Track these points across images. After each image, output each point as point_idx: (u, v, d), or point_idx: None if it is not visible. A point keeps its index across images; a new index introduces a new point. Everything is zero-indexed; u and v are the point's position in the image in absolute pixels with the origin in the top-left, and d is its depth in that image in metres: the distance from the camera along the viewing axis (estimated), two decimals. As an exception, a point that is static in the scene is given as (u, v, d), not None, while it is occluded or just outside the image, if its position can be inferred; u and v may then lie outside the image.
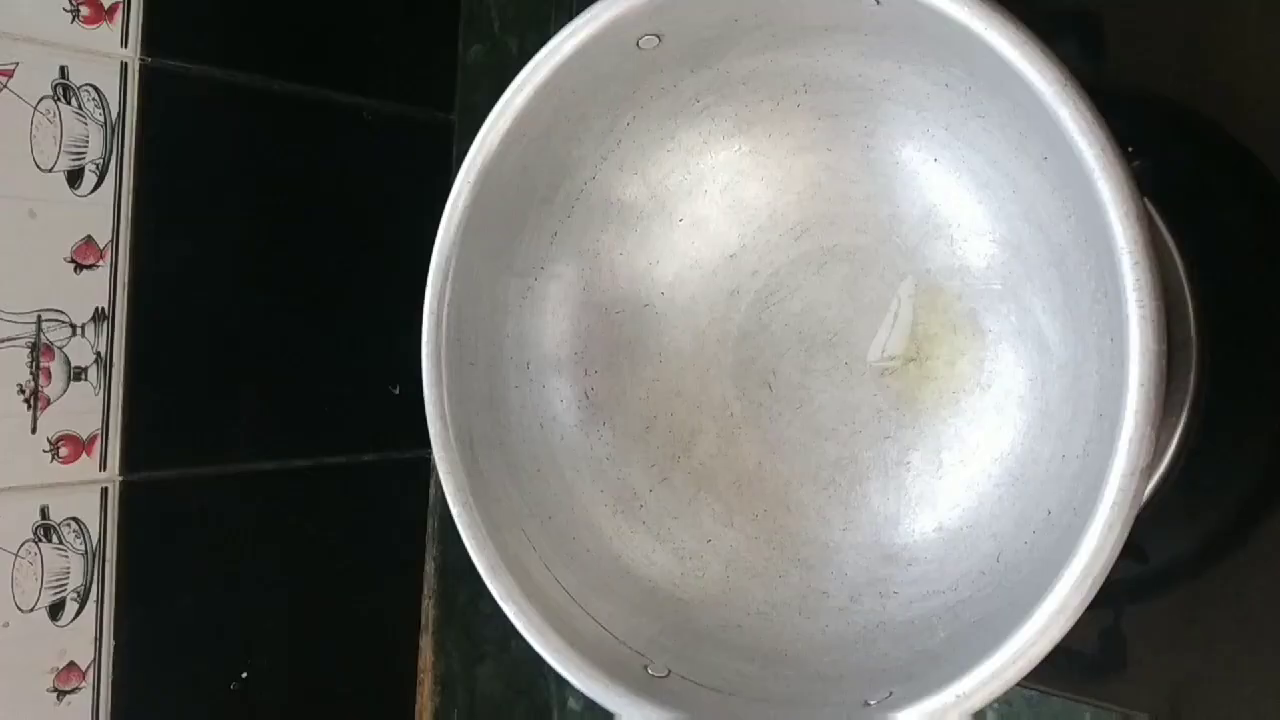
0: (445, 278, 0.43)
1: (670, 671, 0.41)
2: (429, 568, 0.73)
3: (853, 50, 0.41)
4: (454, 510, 0.42)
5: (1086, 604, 0.33)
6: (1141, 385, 0.32)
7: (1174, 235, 0.45)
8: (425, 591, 0.73)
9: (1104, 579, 0.33)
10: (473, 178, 0.42)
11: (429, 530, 0.73)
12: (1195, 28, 0.49)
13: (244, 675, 0.63)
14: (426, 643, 0.73)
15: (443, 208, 0.69)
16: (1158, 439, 0.33)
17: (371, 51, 0.67)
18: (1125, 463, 0.32)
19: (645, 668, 0.41)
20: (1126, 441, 0.32)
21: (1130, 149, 0.36)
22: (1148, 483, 0.33)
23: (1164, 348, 0.32)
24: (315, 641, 0.67)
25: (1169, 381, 0.33)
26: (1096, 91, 0.35)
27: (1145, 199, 0.34)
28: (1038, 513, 0.40)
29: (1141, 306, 0.32)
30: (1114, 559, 0.33)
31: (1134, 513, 0.33)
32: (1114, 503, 0.32)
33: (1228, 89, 0.48)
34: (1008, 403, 0.43)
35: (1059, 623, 0.33)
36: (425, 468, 0.72)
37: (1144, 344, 0.32)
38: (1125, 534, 0.33)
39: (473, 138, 0.69)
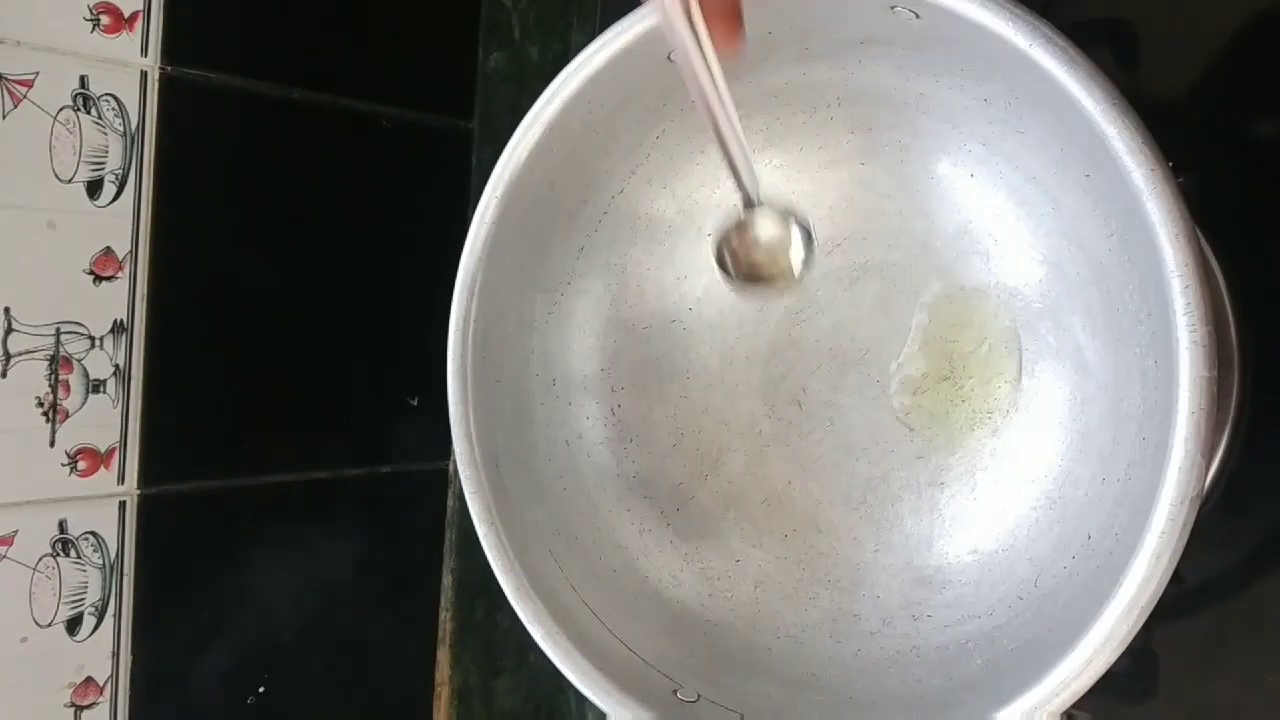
0: (471, 294, 0.42)
1: (700, 696, 0.40)
2: (446, 580, 0.72)
3: (889, 64, 0.41)
4: (480, 531, 0.41)
5: (1134, 634, 0.33)
6: (1192, 413, 0.31)
7: (1213, 249, 0.44)
8: (442, 604, 0.72)
9: (1151, 609, 0.33)
10: (500, 192, 0.42)
11: (446, 542, 0.72)
12: (1230, 37, 0.48)
13: (261, 689, 0.62)
14: (443, 655, 0.72)
15: (462, 215, 0.69)
16: (1207, 466, 0.32)
17: (391, 59, 0.67)
18: (1174, 491, 0.31)
19: (675, 692, 0.40)
20: (1176, 470, 0.31)
21: (1171, 164, 0.35)
22: (1196, 511, 0.32)
23: (1214, 374, 0.31)
24: (332, 655, 0.66)
25: (1214, 405, 0.32)
26: (1130, 102, 0.34)
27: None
28: (1077, 537, 0.39)
29: (1192, 331, 0.31)
30: (1162, 589, 0.32)
31: (1183, 542, 0.32)
32: (1163, 531, 0.31)
33: (1263, 97, 0.48)
34: (1045, 423, 0.42)
35: (1105, 653, 0.33)
36: (443, 479, 0.72)
37: (1194, 370, 0.31)
38: (1174, 564, 0.32)
39: (492, 145, 0.68)
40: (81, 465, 0.54)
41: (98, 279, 0.54)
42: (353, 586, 0.67)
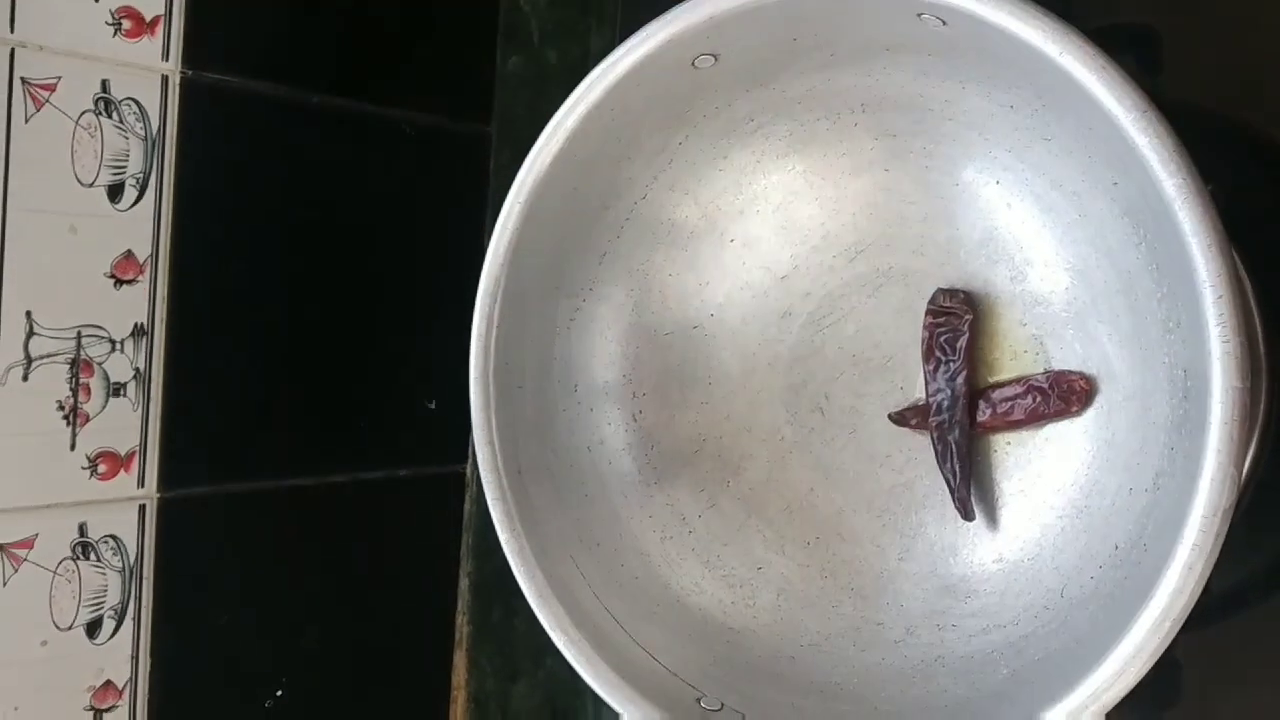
0: (494, 301, 0.42)
1: (724, 705, 0.40)
2: (463, 583, 0.72)
3: (914, 70, 0.40)
4: (502, 539, 0.41)
5: (1164, 648, 0.32)
6: (1225, 424, 0.31)
7: (1240, 255, 0.44)
8: (459, 607, 0.72)
9: (1183, 622, 0.32)
10: (522, 199, 0.41)
11: (464, 545, 0.72)
12: (1258, 44, 0.48)
13: (279, 693, 0.62)
14: (460, 659, 0.72)
15: (480, 217, 0.69)
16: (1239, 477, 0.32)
17: (410, 63, 0.67)
18: (1207, 503, 0.31)
19: (699, 700, 0.40)
20: (1209, 481, 0.31)
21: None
22: (1229, 523, 0.31)
23: (1248, 384, 0.31)
24: (349, 658, 0.66)
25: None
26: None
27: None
28: (1104, 547, 0.39)
29: (1225, 343, 0.31)
30: (1194, 602, 0.32)
31: (1215, 554, 0.32)
32: (1195, 544, 0.31)
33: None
34: (1071, 431, 0.42)
35: (1135, 666, 0.32)
36: (460, 482, 0.72)
37: (1227, 381, 0.31)
38: (1206, 577, 0.32)
39: (511, 148, 0.68)
40: (102, 469, 0.54)
41: (118, 282, 0.54)
42: (370, 589, 0.67)
